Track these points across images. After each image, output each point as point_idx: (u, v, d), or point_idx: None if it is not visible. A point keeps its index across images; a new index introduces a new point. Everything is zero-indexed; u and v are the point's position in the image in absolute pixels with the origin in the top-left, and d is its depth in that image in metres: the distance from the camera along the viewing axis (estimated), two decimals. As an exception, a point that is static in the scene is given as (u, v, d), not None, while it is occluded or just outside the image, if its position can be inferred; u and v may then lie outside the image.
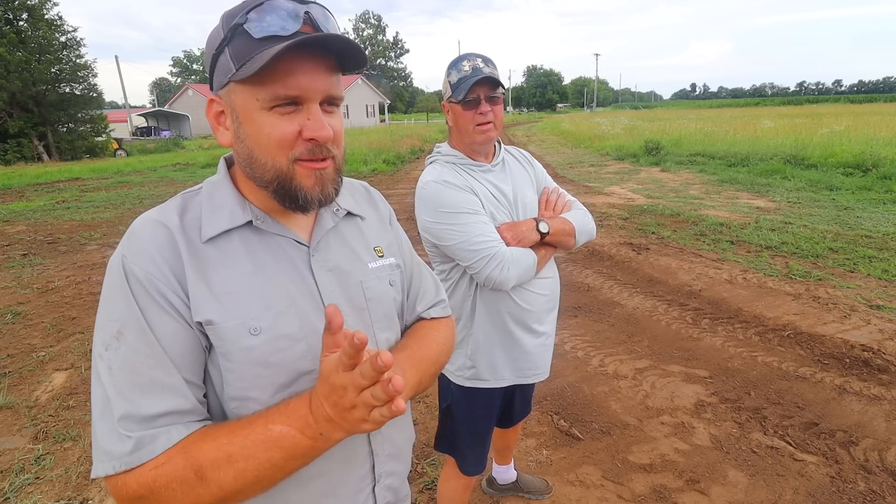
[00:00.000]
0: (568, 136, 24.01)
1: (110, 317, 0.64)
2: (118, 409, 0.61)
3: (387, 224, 0.91)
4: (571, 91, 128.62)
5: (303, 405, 0.63)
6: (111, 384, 0.61)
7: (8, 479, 2.39)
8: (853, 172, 9.64)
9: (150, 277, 0.63)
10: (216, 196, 0.72)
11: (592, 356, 3.43)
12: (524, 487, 2.21)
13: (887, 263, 4.87)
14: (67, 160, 22.59)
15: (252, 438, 0.61)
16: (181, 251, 0.66)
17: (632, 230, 6.61)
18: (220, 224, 0.69)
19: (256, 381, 0.67)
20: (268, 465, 0.61)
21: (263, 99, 0.64)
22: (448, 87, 1.43)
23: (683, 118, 30.97)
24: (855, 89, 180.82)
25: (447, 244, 1.40)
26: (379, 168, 14.43)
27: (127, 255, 0.65)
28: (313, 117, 0.66)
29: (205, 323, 0.65)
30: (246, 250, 0.70)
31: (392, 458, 0.83)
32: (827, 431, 2.56)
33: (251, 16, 0.63)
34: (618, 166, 13.25)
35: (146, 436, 0.60)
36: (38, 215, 9.09)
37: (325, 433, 0.61)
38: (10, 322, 4.26)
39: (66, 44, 24.34)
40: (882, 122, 18.41)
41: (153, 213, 0.69)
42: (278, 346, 0.68)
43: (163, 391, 0.62)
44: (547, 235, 1.44)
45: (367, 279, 0.80)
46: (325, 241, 0.77)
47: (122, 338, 0.62)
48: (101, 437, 0.61)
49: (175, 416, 0.62)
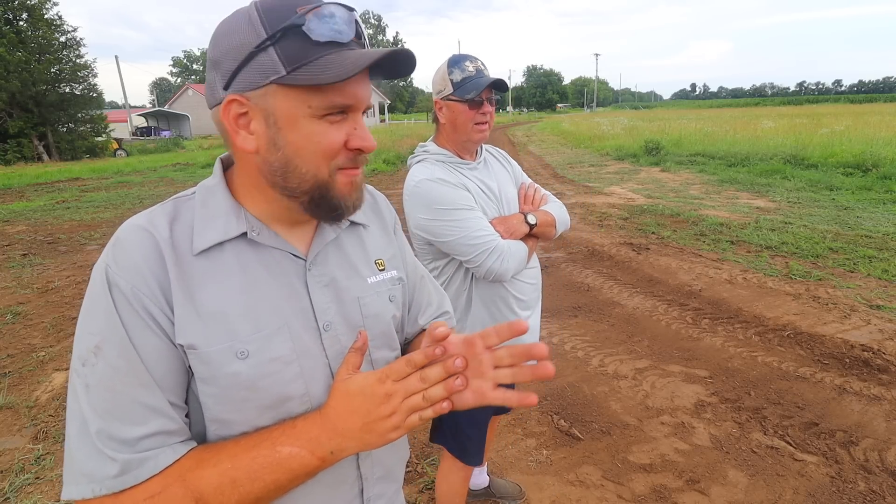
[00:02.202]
0: (568, 136, 24.01)
1: (89, 330, 0.59)
2: (97, 430, 0.57)
3: (391, 234, 0.87)
4: (571, 91, 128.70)
5: (313, 426, 0.62)
6: (88, 403, 0.58)
7: (8, 479, 2.39)
8: (853, 172, 9.64)
9: (136, 291, 0.59)
10: (210, 203, 0.67)
11: (592, 356, 3.43)
12: (497, 493, 2.21)
13: (887, 263, 4.87)
14: (67, 160, 22.60)
15: (259, 462, 0.60)
16: (168, 264, 0.61)
17: (632, 230, 6.61)
18: (213, 235, 0.64)
19: (242, 405, 0.64)
20: (273, 486, 0.60)
21: (317, 106, 0.61)
22: (449, 85, 1.45)
23: (683, 118, 30.98)
24: (855, 89, 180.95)
25: (445, 240, 1.43)
26: (379, 168, 14.43)
27: (111, 266, 0.60)
28: (360, 127, 0.64)
29: (186, 346, 0.61)
30: (238, 264, 0.66)
31: (382, 480, 0.80)
32: (827, 431, 2.56)
33: (310, 17, 0.59)
34: (618, 166, 13.25)
35: (133, 459, 0.57)
36: (38, 215, 9.09)
37: (336, 451, 0.62)
38: (10, 322, 4.26)
39: (65, 44, 24.35)
40: (882, 122, 18.42)
41: (141, 220, 0.64)
42: (268, 369, 0.64)
43: (146, 411, 0.59)
44: (535, 227, 1.52)
45: (365, 295, 0.75)
46: (324, 254, 0.73)
47: (101, 354, 0.58)
48: (80, 458, 0.58)
49: (161, 436, 0.59)
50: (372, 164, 14.62)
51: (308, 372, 0.67)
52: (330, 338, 0.70)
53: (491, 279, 1.46)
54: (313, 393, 0.68)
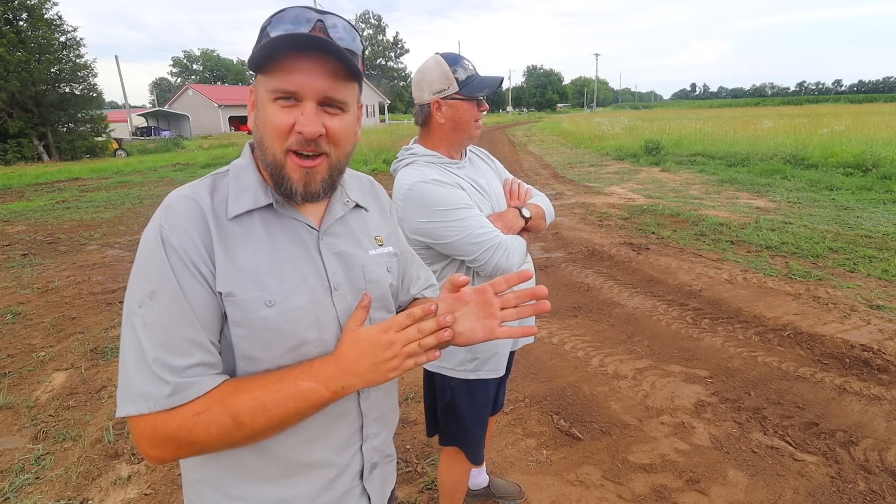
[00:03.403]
0: (568, 136, 24.01)
1: (146, 278, 0.71)
2: (153, 358, 0.68)
3: (387, 215, 1.01)
4: (571, 91, 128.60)
5: (328, 365, 0.75)
6: (146, 336, 0.69)
7: (8, 479, 2.39)
8: (853, 172, 9.64)
9: (185, 247, 0.71)
10: (242, 178, 0.80)
11: (592, 356, 3.43)
12: (496, 493, 2.21)
13: (887, 263, 4.87)
14: (67, 160, 22.58)
15: (283, 392, 0.72)
16: (210, 227, 0.74)
17: (632, 230, 6.61)
18: (244, 204, 0.77)
19: (268, 344, 0.76)
20: (294, 412, 0.73)
21: (269, 90, 0.73)
22: (454, 83, 1.42)
23: (683, 118, 30.99)
24: (855, 89, 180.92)
25: (448, 241, 1.41)
26: (379, 168, 14.41)
27: (164, 226, 0.72)
28: (306, 114, 0.73)
29: (225, 294, 0.73)
30: (265, 230, 0.78)
31: (377, 421, 0.92)
32: (827, 431, 2.56)
33: (273, 19, 0.75)
34: (618, 166, 13.25)
35: (182, 382, 0.69)
36: (38, 215, 9.09)
37: (346, 386, 0.75)
38: (10, 322, 4.26)
39: (65, 44, 24.31)
40: (882, 122, 18.42)
41: (187, 190, 0.77)
42: (290, 316, 0.77)
43: (192, 346, 0.70)
44: (529, 221, 1.54)
45: (368, 264, 0.89)
46: (334, 229, 0.86)
47: (156, 297, 0.70)
48: (137, 381, 0.69)
49: (203, 367, 0.71)
50: (372, 164, 14.63)
51: (321, 321, 0.80)
52: (339, 295, 0.83)
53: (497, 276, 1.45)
54: (325, 338, 0.81)
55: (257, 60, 0.73)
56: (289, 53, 0.72)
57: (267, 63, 0.73)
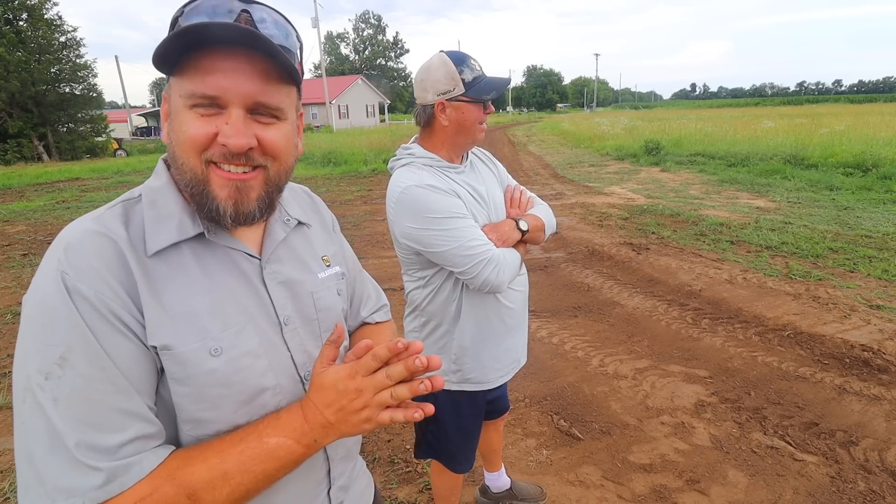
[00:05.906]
0: (568, 136, 24.00)
1: (49, 341, 0.56)
2: (75, 443, 0.55)
3: (330, 232, 0.90)
4: (571, 91, 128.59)
5: (296, 416, 0.65)
6: (60, 416, 0.55)
7: (8, 480, 2.38)
8: (853, 172, 9.63)
9: (102, 297, 0.57)
10: (160, 203, 0.66)
11: (592, 356, 3.43)
12: (518, 495, 2.19)
13: (887, 263, 4.87)
14: (67, 160, 22.57)
15: (247, 454, 0.61)
16: (132, 267, 0.60)
17: (632, 230, 6.61)
18: (168, 236, 0.64)
19: (217, 401, 0.64)
20: (262, 476, 0.62)
21: (184, 95, 0.61)
22: (460, 85, 1.35)
23: (683, 118, 30.95)
24: (855, 89, 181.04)
25: (437, 251, 1.34)
26: (379, 168, 14.41)
27: (68, 272, 0.57)
28: (232, 123, 0.61)
29: (161, 348, 0.60)
30: (198, 264, 0.66)
31: (344, 460, 0.84)
32: (827, 431, 2.56)
33: (186, 10, 0.62)
34: (618, 166, 13.25)
35: (117, 466, 0.56)
36: (38, 215, 9.09)
37: (319, 439, 0.64)
38: (10, 322, 4.26)
39: (65, 44, 24.28)
40: (882, 122, 18.41)
41: (90, 224, 0.62)
42: (240, 364, 0.66)
43: (125, 417, 0.57)
44: (526, 234, 1.46)
45: (318, 290, 0.79)
46: (277, 254, 0.75)
47: (68, 364, 0.55)
48: (53, 475, 0.54)
49: (141, 441, 0.58)
50: (372, 164, 14.62)
51: (275, 363, 0.70)
52: (290, 331, 0.73)
53: (486, 290, 1.38)
54: (283, 383, 0.70)
55: (165, 58, 0.59)
56: (205, 49, 0.59)
57: (179, 62, 0.60)
